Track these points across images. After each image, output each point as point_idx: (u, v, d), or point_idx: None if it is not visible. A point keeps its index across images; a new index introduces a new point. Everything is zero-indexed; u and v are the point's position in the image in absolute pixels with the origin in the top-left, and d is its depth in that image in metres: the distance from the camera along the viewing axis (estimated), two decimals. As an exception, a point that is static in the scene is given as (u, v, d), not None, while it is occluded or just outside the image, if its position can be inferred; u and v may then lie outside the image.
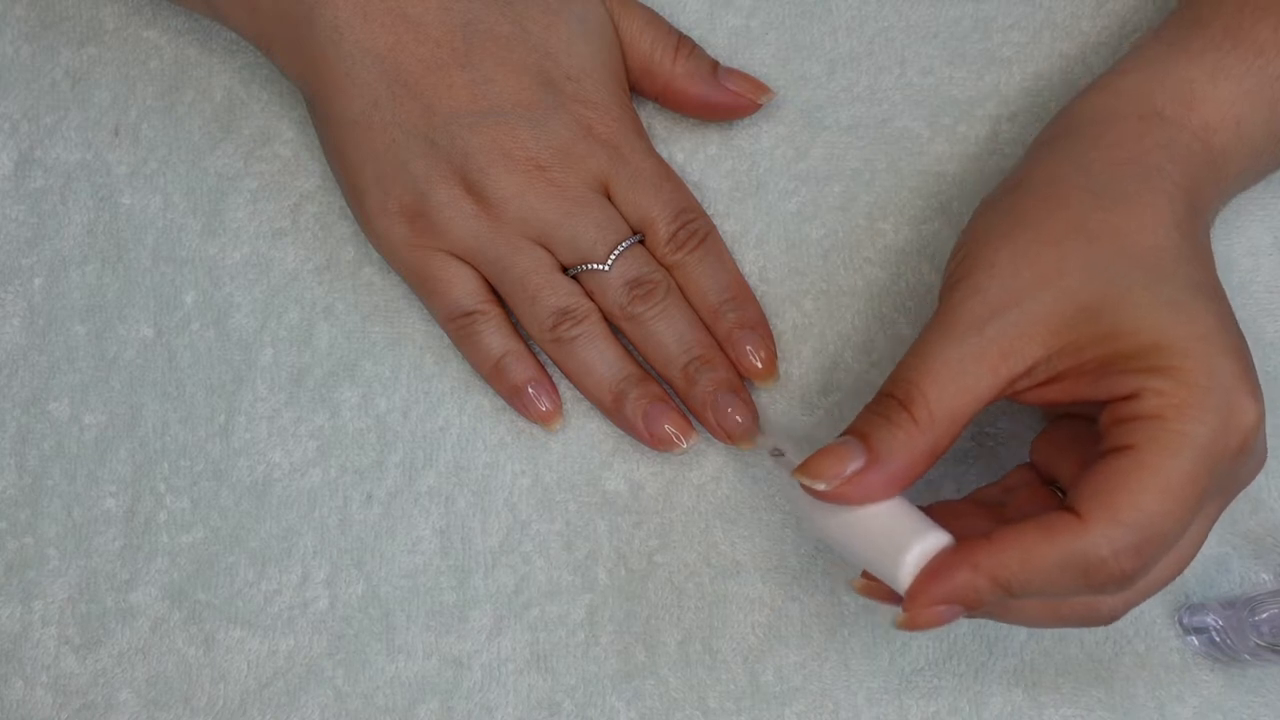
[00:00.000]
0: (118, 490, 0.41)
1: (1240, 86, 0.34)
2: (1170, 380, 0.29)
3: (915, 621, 0.30)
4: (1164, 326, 0.30)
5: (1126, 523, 0.28)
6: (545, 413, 0.40)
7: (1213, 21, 0.35)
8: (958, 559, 0.30)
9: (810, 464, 0.32)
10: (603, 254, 0.38)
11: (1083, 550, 0.29)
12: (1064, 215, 0.32)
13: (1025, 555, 0.29)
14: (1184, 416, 0.29)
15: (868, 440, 0.31)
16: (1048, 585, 0.29)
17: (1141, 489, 0.29)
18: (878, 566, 0.31)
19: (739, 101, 0.40)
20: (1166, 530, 0.29)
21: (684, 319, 0.39)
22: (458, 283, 0.39)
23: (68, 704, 0.40)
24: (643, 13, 0.40)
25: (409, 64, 0.37)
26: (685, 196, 0.40)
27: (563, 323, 0.38)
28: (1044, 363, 0.31)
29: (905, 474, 0.31)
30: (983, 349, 0.31)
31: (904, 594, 0.30)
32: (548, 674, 0.39)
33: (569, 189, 0.38)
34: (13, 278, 0.43)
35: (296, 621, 0.40)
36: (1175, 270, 0.31)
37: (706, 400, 0.38)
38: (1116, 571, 0.29)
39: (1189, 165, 0.33)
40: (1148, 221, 0.32)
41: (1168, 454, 0.29)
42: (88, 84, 0.44)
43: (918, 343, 0.32)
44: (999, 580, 0.29)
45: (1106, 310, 0.31)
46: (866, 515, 0.32)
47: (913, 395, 0.31)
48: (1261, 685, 0.37)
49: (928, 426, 0.31)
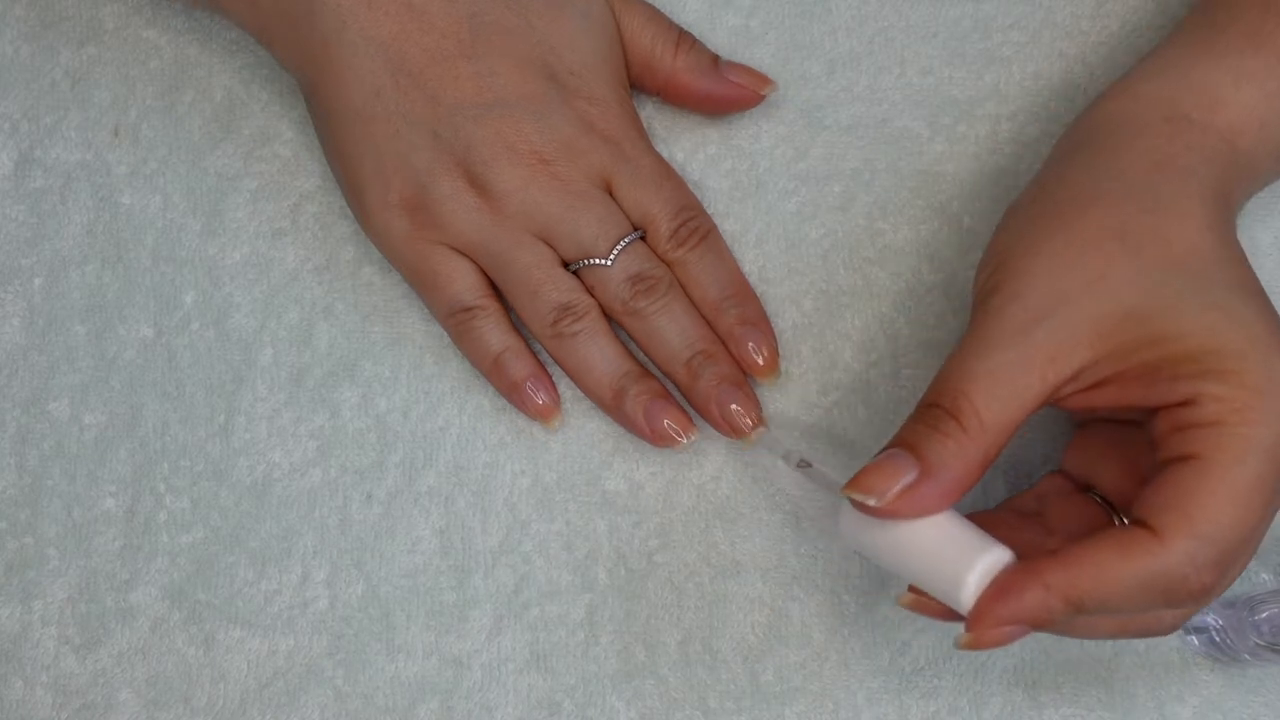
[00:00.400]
0: (118, 490, 0.41)
1: (1263, 90, 0.34)
2: (1227, 384, 0.29)
3: (981, 641, 0.29)
4: (1214, 330, 0.30)
5: (1205, 536, 0.28)
6: (544, 408, 0.39)
7: (1231, 26, 0.35)
8: (1028, 578, 0.29)
9: (861, 479, 0.31)
10: (605, 249, 0.38)
11: (1163, 569, 0.28)
12: (1101, 219, 0.32)
13: (1100, 574, 0.28)
14: (1246, 420, 0.29)
15: (918, 452, 0.31)
16: (1123, 604, 0.29)
17: (1215, 500, 0.28)
18: (934, 584, 0.30)
19: (742, 93, 0.40)
20: (1244, 539, 0.29)
21: (686, 314, 0.39)
22: (458, 277, 0.39)
23: (68, 704, 0.40)
24: (644, 9, 0.40)
25: (413, 54, 0.37)
26: (686, 194, 0.40)
27: (564, 318, 0.38)
28: (1091, 367, 0.31)
29: (959, 485, 0.30)
30: (1029, 354, 0.31)
31: (968, 614, 0.29)
32: (548, 674, 0.39)
33: (572, 183, 0.38)
34: (13, 278, 0.43)
35: (296, 621, 0.40)
36: (1217, 272, 0.31)
37: (711, 395, 0.38)
38: (1198, 587, 0.28)
39: (1218, 167, 0.33)
40: (1186, 224, 0.32)
41: (1234, 460, 0.28)
42: (87, 84, 0.44)
43: (958, 352, 0.32)
44: (1071, 600, 0.29)
45: (1153, 314, 0.30)
46: (919, 529, 0.31)
47: (960, 404, 0.30)
48: (1261, 685, 0.37)
49: (978, 435, 0.30)
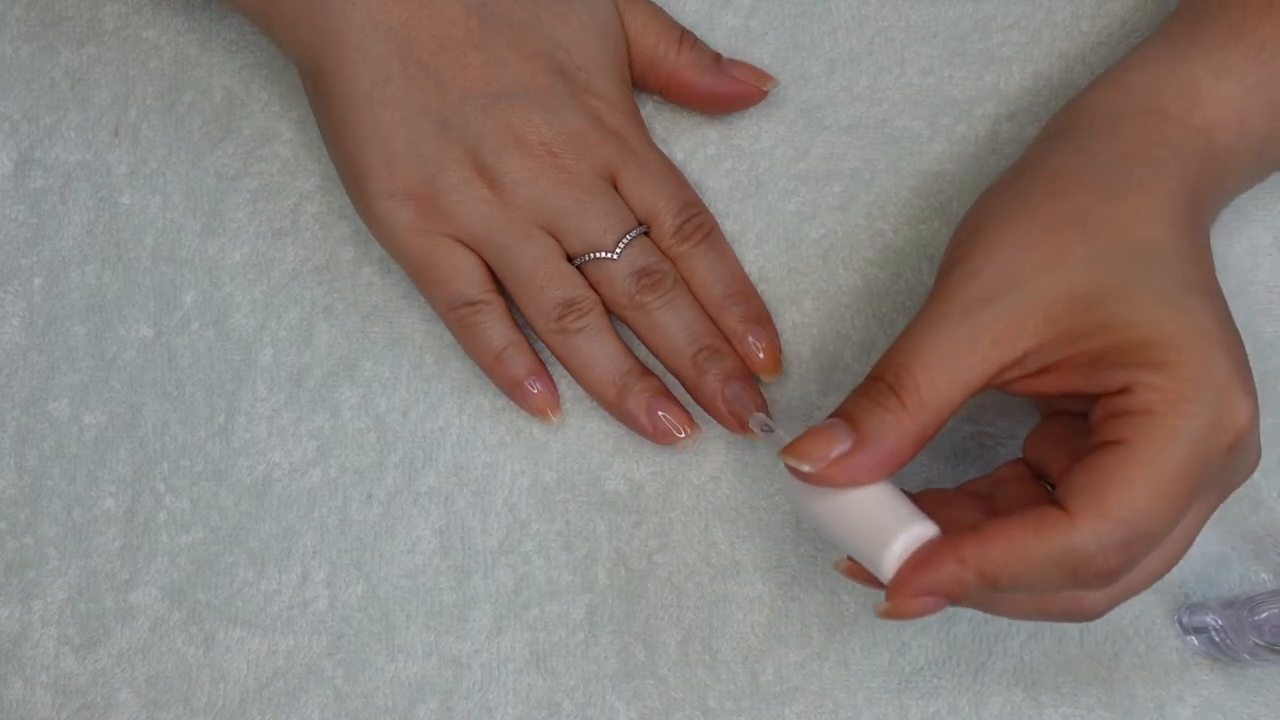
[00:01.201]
0: (117, 490, 0.41)
1: (1243, 84, 0.34)
2: (1163, 375, 0.29)
3: (898, 611, 0.30)
4: (1159, 321, 0.30)
5: (1114, 519, 0.28)
6: (544, 405, 0.39)
7: (1218, 19, 0.35)
8: (944, 551, 0.30)
9: (796, 445, 0.31)
10: (611, 243, 0.38)
11: (1069, 546, 0.28)
12: (1065, 205, 0.32)
13: (1012, 550, 0.29)
14: (1176, 411, 0.29)
15: (855, 423, 0.31)
16: (1034, 580, 0.29)
17: (1130, 485, 0.28)
18: (862, 553, 0.31)
19: (744, 90, 0.40)
20: (1154, 527, 0.29)
21: (691, 310, 0.39)
22: (463, 270, 0.38)
23: (67, 704, 0.40)
24: (647, 8, 0.41)
25: (423, 40, 0.37)
26: (689, 191, 0.40)
27: (568, 314, 0.38)
28: (1036, 352, 0.31)
29: (892, 458, 0.31)
30: (975, 335, 0.31)
31: (887, 583, 0.30)
32: (547, 674, 0.39)
33: (580, 176, 0.38)
34: (12, 278, 0.43)
35: (296, 621, 0.40)
36: (1173, 267, 0.31)
37: (717, 389, 0.38)
38: (1103, 568, 0.29)
39: (1192, 162, 0.33)
40: (1149, 216, 0.32)
41: (1157, 449, 0.29)
42: (87, 84, 0.44)
43: (910, 326, 0.32)
44: (985, 574, 0.29)
45: (1102, 302, 0.30)
46: (853, 500, 0.31)
47: (902, 379, 0.31)
48: (1261, 685, 0.37)
49: (916, 411, 0.31)
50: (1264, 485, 0.38)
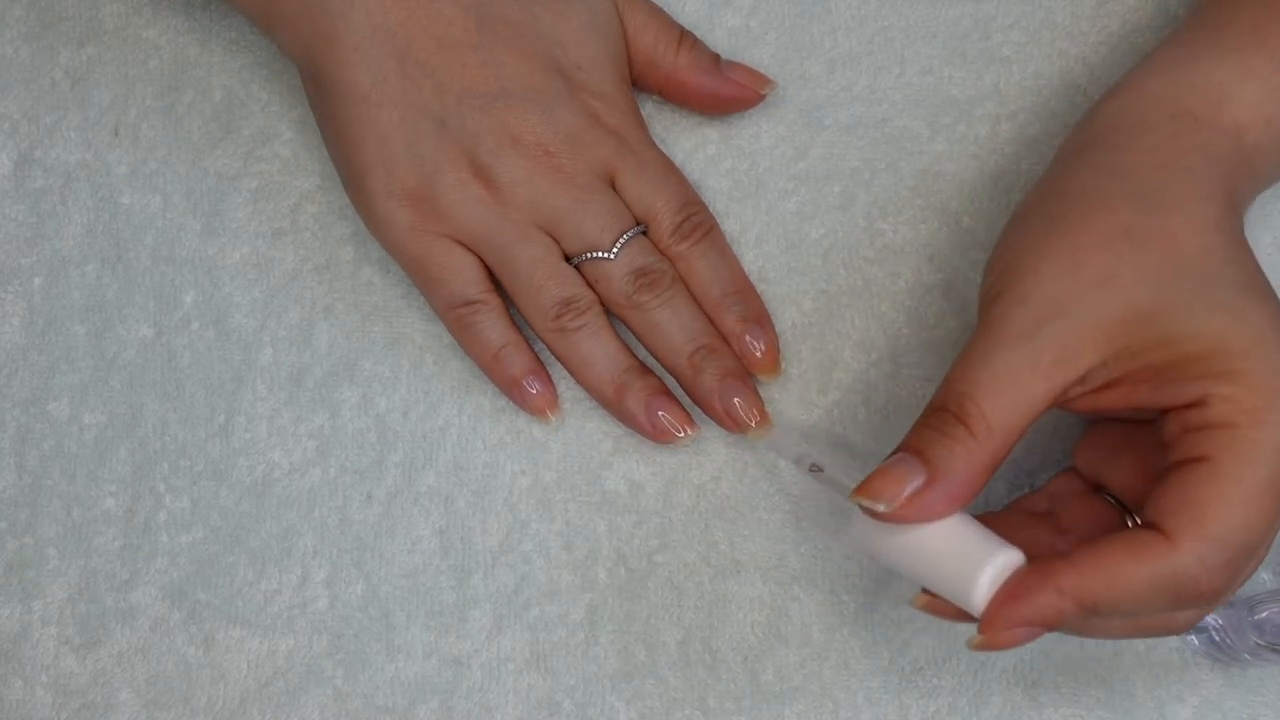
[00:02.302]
0: (117, 490, 0.41)
1: (1268, 85, 0.34)
2: (1236, 385, 0.29)
3: (993, 643, 0.30)
4: (1221, 331, 0.30)
5: (1216, 539, 0.28)
6: (542, 404, 0.39)
7: (1234, 23, 0.35)
8: (1040, 581, 0.29)
9: (869, 486, 0.31)
10: (608, 242, 0.38)
11: (1174, 571, 0.28)
12: (1107, 220, 0.32)
13: (1112, 577, 0.29)
14: (1256, 422, 0.29)
15: (925, 457, 0.31)
16: (1136, 606, 0.29)
17: (1226, 503, 0.28)
18: (946, 587, 0.31)
19: (742, 93, 0.40)
20: (1254, 541, 0.29)
21: (688, 309, 0.39)
22: (460, 270, 0.38)
23: (67, 704, 0.40)
24: (646, 7, 0.41)
25: (421, 40, 0.37)
26: (689, 190, 0.40)
27: (566, 313, 0.38)
28: (1099, 369, 0.31)
29: (966, 489, 0.31)
30: (1035, 357, 0.30)
31: (980, 616, 0.30)
32: (547, 674, 0.39)
33: (577, 176, 0.38)
34: (12, 278, 0.43)
35: (296, 621, 0.40)
36: (1224, 272, 0.31)
37: (714, 389, 0.38)
38: (1208, 589, 0.28)
39: (1224, 165, 0.33)
40: (1193, 225, 0.31)
41: (1245, 463, 0.28)
42: (87, 84, 0.44)
43: (964, 355, 0.32)
44: (1085, 603, 0.29)
45: (1161, 315, 0.30)
46: (929, 533, 0.31)
47: (967, 408, 0.30)
48: (1261, 685, 0.37)
49: (985, 439, 0.30)
50: (1264, 485, 0.38)
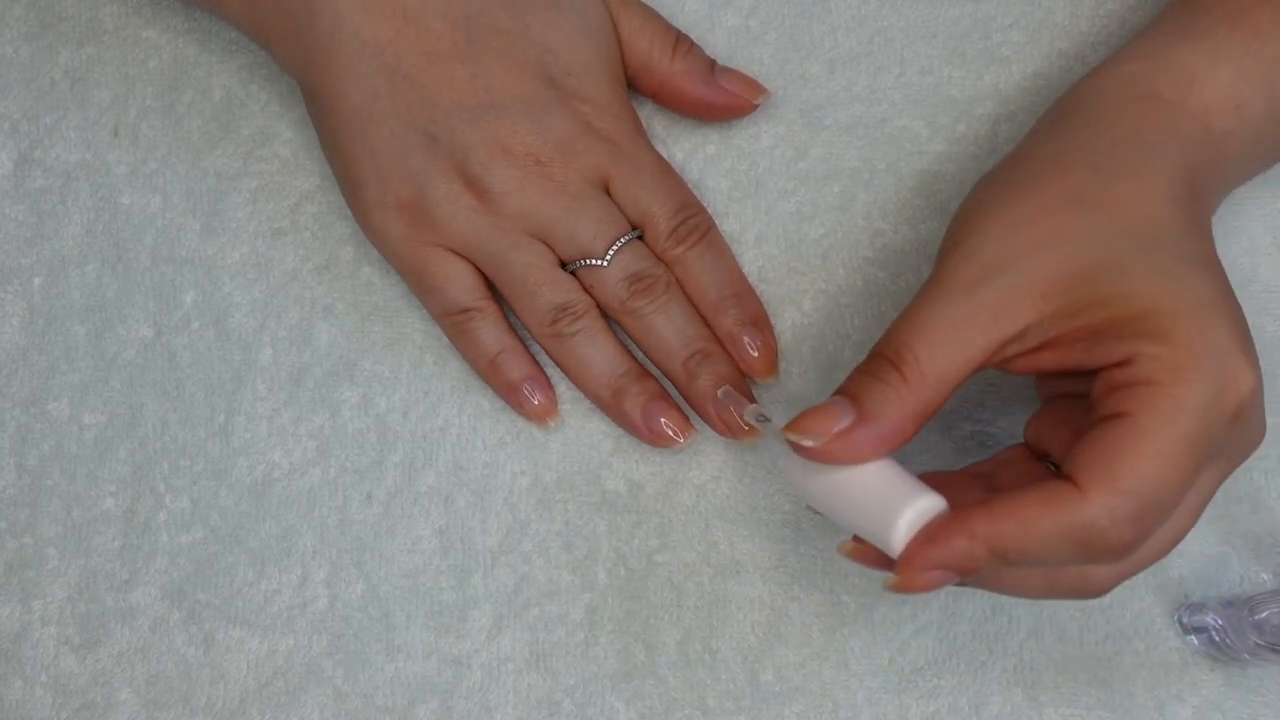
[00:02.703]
0: (117, 490, 0.41)
1: (1239, 69, 0.34)
2: (1164, 345, 0.29)
3: (908, 585, 0.30)
4: (1158, 293, 0.30)
5: (1125, 491, 0.28)
6: (540, 410, 0.40)
7: (1211, 8, 0.35)
8: (954, 525, 0.30)
9: (798, 421, 0.31)
10: (601, 249, 0.38)
11: (1082, 520, 0.28)
12: (1062, 185, 0.32)
13: (1023, 524, 0.29)
14: (1178, 380, 0.29)
15: (857, 399, 0.31)
16: (1046, 555, 0.29)
17: (1139, 456, 0.28)
18: (869, 529, 0.31)
19: (735, 102, 0.40)
20: (1165, 497, 0.29)
21: (684, 314, 0.39)
22: (454, 278, 0.39)
23: (67, 704, 0.40)
24: (641, 10, 0.40)
25: (409, 56, 0.37)
26: (685, 192, 0.40)
27: (561, 318, 0.38)
28: (1036, 326, 0.31)
29: (894, 434, 0.31)
30: (975, 310, 0.31)
31: (897, 557, 0.30)
32: (547, 674, 0.39)
33: (568, 184, 0.38)
34: (12, 278, 0.43)
35: (296, 621, 0.40)
36: (1170, 241, 0.31)
37: (707, 394, 0.38)
38: (1116, 541, 0.29)
39: (1188, 147, 0.33)
40: (1143, 193, 0.32)
41: (1163, 419, 0.29)
42: (87, 84, 0.44)
43: (911, 304, 0.32)
44: (996, 548, 0.29)
45: (1100, 276, 0.31)
46: (857, 476, 0.31)
47: (903, 355, 0.31)
48: (1261, 685, 0.37)
49: (918, 386, 0.31)
50: (1264, 485, 0.38)
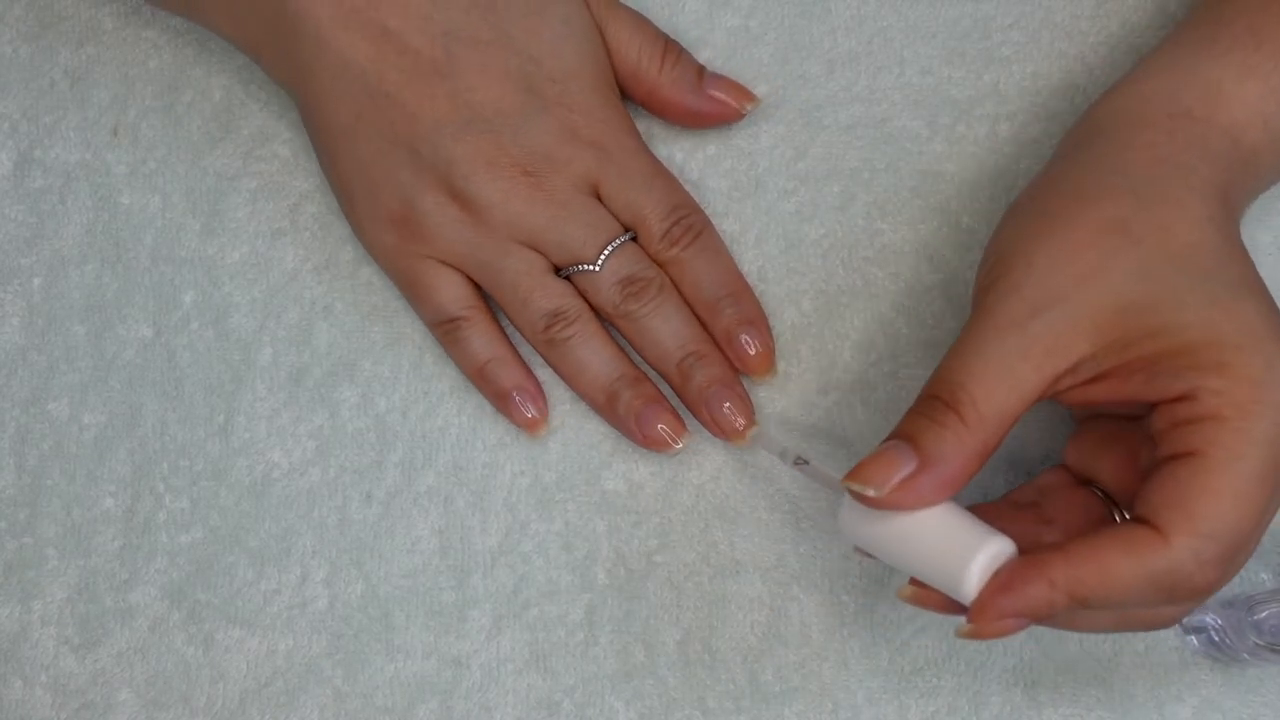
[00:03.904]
0: (117, 490, 0.41)
1: (1267, 84, 0.34)
2: (1225, 378, 0.29)
3: (982, 633, 0.30)
4: (1212, 323, 0.30)
5: (1208, 534, 0.28)
6: (531, 420, 0.40)
7: (1235, 21, 0.35)
8: (1032, 573, 0.29)
9: (860, 471, 0.31)
10: (593, 255, 0.38)
11: (1168, 566, 0.28)
12: (1101, 213, 0.32)
13: (1105, 571, 0.29)
14: (1245, 414, 0.29)
15: (916, 443, 0.31)
16: (1128, 600, 0.29)
17: (1217, 497, 0.28)
18: (936, 575, 0.31)
19: (723, 110, 0.40)
20: (1246, 535, 0.29)
21: (678, 315, 0.39)
22: (442, 288, 0.39)
23: (67, 704, 0.40)
24: (630, 17, 0.40)
25: (390, 75, 0.38)
26: (678, 193, 0.40)
27: (555, 324, 0.38)
28: (1090, 360, 0.31)
29: (958, 477, 0.31)
30: (1027, 346, 0.31)
31: (970, 605, 0.30)
32: (547, 674, 0.39)
33: (556, 193, 0.38)
34: (12, 278, 0.43)
35: (296, 621, 0.40)
36: (1217, 267, 0.31)
37: (701, 396, 0.38)
38: (1202, 584, 0.29)
39: (1220, 163, 0.33)
40: (1187, 219, 0.32)
41: (1235, 456, 0.28)
42: (87, 84, 0.44)
43: (957, 344, 0.32)
44: (1077, 596, 0.29)
45: (1152, 307, 0.30)
46: (919, 522, 0.31)
47: (959, 396, 0.31)
48: (1261, 685, 0.37)
49: (977, 427, 0.30)
50: (1264, 485, 0.38)
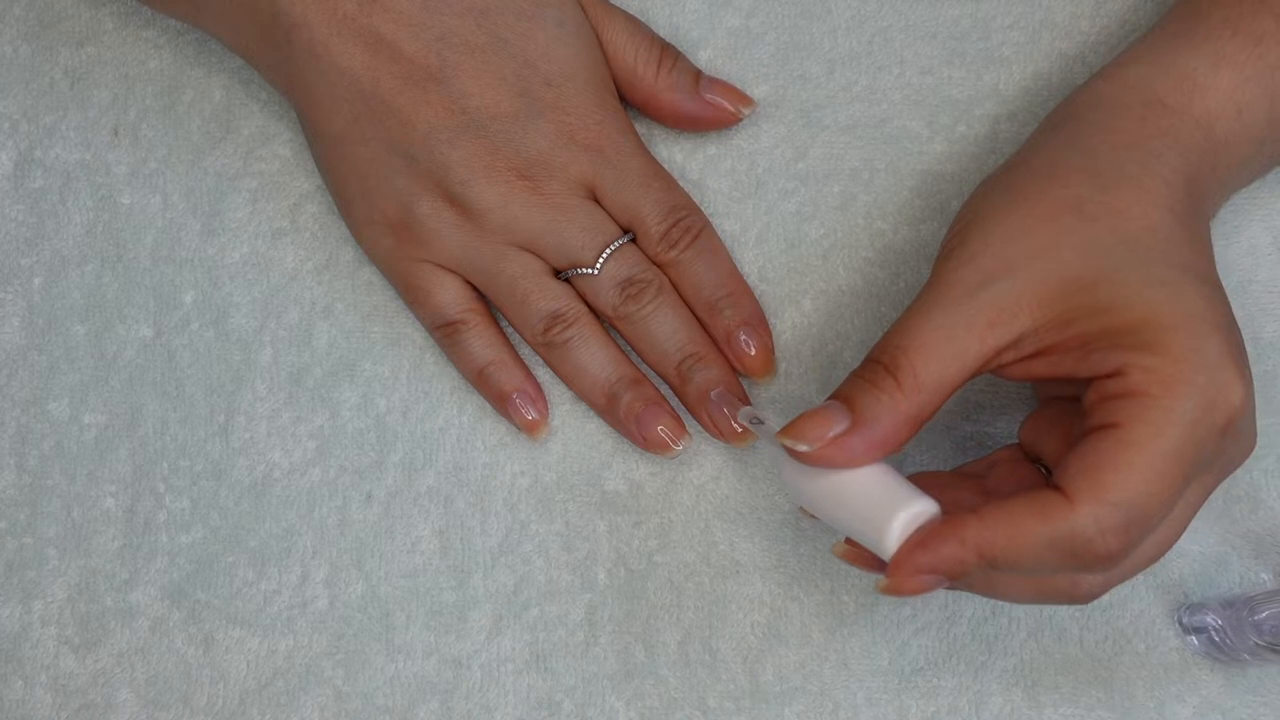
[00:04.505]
0: (117, 490, 0.41)
1: (1241, 74, 0.34)
2: (1155, 356, 0.29)
3: (898, 588, 0.30)
4: (1151, 303, 0.30)
5: (1113, 502, 0.29)
6: (531, 422, 0.40)
7: (1213, 13, 0.35)
8: (945, 531, 0.30)
9: (793, 426, 0.32)
10: (591, 258, 0.38)
11: (1070, 530, 0.29)
12: (1061, 193, 0.32)
13: (1013, 532, 0.29)
14: (1168, 392, 0.29)
15: (852, 404, 0.32)
16: (1034, 562, 0.29)
17: (1127, 468, 0.29)
18: (862, 533, 0.31)
19: (719, 114, 0.40)
20: (1152, 509, 0.29)
21: (677, 317, 0.39)
22: (440, 292, 0.39)
23: (67, 704, 0.40)
24: (626, 22, 0.40)
25: (385, 82, 0.38)
26: (676, 194, 0.40)
27: (554, 326, 0.39)
28: (1031, 335, 0.31)
29: (889, 439, 0.31)
30: (971, 317, 0.31)
31: (889, 560, 0.30)
32: (547, 674, 0.39)
33: (552, 196, 0.38)
34: (12, 278, 0.43)
35: (296, 621, 0.40)
36: (1167, 251, 0.31)
37: (700, 398, 0.38)
38: (1103, 551, 0.29)
39: (1189, 153, 0.33)
40: (1145, 203, 0.32)
41: (1152, 431, 0.29)
42: (87, 84, 0.44)
43: (907, 310, 0.32)
44: (985, 555, 0.29)
45: (1096, 286, 0.31)
46: (851, 480, 0.32)
47: (899, 361, 0.31)
48: (1261, 685, 0.37)
49: (912, 392, 0.31)
50: (1264, 485, 0.38)
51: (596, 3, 0.40)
